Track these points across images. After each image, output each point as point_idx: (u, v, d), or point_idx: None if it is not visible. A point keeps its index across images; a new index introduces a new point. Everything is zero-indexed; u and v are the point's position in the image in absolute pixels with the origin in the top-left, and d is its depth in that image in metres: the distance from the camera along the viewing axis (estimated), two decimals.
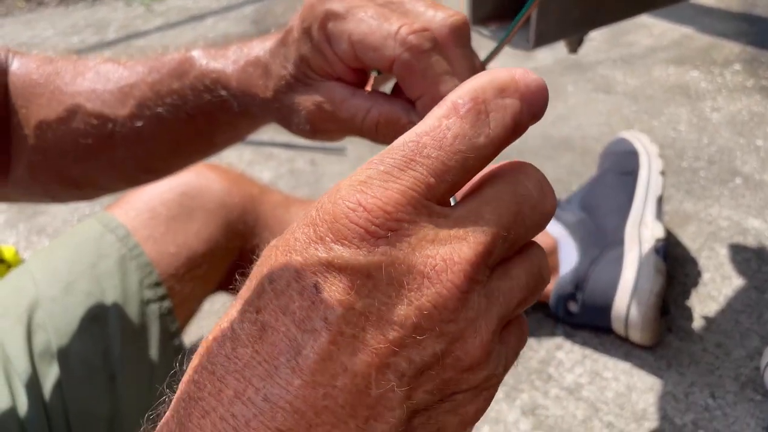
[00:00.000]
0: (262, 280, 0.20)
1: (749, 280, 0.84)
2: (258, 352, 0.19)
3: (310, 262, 0.19)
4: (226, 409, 0.19)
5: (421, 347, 0.20)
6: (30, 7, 2.06)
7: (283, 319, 0.19)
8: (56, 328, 0.57)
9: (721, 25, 1.48)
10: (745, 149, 1.08)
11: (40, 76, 0.42)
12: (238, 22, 1.79)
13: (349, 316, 0.19)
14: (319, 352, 0.19)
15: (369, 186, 0.20)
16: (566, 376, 0.74)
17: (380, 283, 0.19)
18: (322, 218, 0.20)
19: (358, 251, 0.19)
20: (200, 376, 0.20)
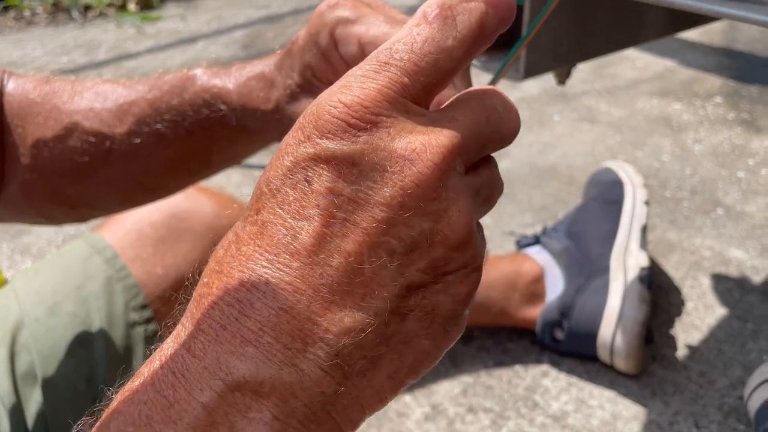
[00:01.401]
0: (260, 184, 0.22)
1: (732, 309, 0.85)
2: (259, 245, 0.21)
3: (299, 159, 0.21)
4: (232, 296, 0.20)
5: (409, 225, 0.21)
6: (19, 27, 2.06)
7: (279, 213, 0.21)
8: (40, 350, 0.56)
9: (703, 59, 1.52)
10: (726, 180, 1.10)
11: (37, 95, 0.43)
12: (228, 46, 1.80)
13: (339, 202, 0.21)
14: (313, 236, 0.20)
15: (348, 87, 0.22)
16: (552, 403, 0.75)
17: (365, 169, 0.21)
18: (307, 120, 0.21)
19: (341, 142, 0.21)
20: (209, 278, 0.21)
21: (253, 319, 0.20)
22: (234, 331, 0.20)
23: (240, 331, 0.20)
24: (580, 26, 0.56)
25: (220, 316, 0.20)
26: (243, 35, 1.88)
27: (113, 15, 2.07)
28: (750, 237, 0.97)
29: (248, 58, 1.72)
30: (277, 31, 1.89)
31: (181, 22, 2.00)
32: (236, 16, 2.03)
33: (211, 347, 0.20)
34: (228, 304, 0.20)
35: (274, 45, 1.80)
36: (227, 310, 0.20)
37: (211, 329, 0.20)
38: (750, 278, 0.90)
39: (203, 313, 0.21)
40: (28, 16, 2.12)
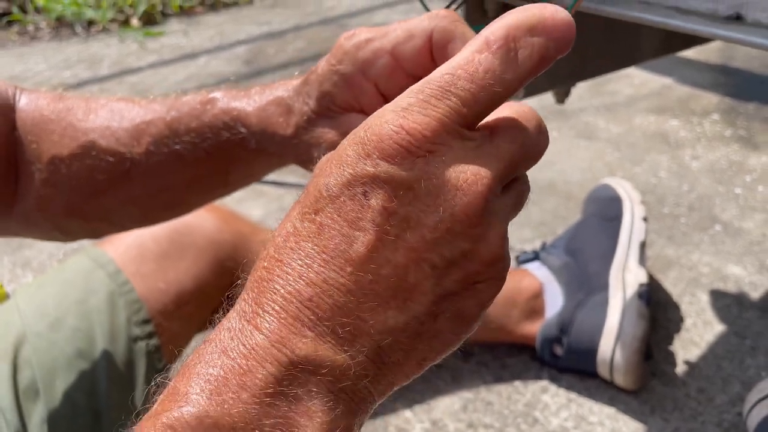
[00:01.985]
0: (320, 188, 0.24)
1: (730, 326, 0.85)
2: (317, 245, 0.24)
3: (359, 174, 0.24)
4: (292, 287, 0.23)
5: (452, 246, 0.24)
6: (23, 41, 2.08)
7: (337, 220, 0.24)
8: (42, 365, 0.57)
9: (700, 77, 1.54)
10: (724, 197, 1.11)
11: (51, 112, 0.43)
12: (230, 61, 1.82)
13: (393, 220, 0.23)
14: (367, 247, 0.23)
15: (410, 112, 0.24)
16: (552, 420, 0.75)
17: (419, 194, 0.24)
18: (369, 138, 0.24)
19: (400, 167, 0.23)
20: (270, 263, 0.24)
21: (311, 311, 0.23)
22: (295, 317, 0.23)
23: (300, 318, 0.23)
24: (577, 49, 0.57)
25: (283, 302, 0.23)
26: (245, 51, 1.89)
27: (116, 30, 2.09)
28: (748, 253, 0.98)
29: (250, 74, 1.73)
30: (278, 47, 1.91)
31: (183, 38, 2.02)
32: (238, 32, 2.05)
33: (277, 328, 0.23)
34: (290, 293, 0.23)
35: (275, 61, 1.81)
36: (289, 299, 0.23)
37: (275, 312, 0.23)
38: (748, 294, 0.90)
39: (266, 297, 0.24)
40: (31, 31, 2.14)
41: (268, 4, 2.29)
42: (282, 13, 2.19)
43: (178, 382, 0.23)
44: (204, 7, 2.28)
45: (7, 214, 0.44)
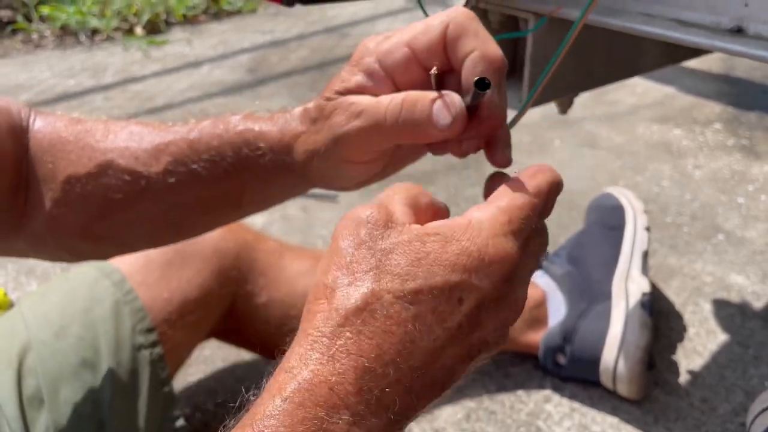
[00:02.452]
0: (421, 281, 0.28)
1: (733, 335, 0.85)
2: (407, 333, 0.27)
3: (465, 283, 0.28)
4: (382, 369, 0.27)
5: (496, 340, 0.30)
6: (27, 49, 2.09)
7: (429, 316, 0.28)
8: (47, 373, 0.57)
9: (703, 86, 1.54)
10: (726, 206, 1.11)
11: (69, 133, 0.43)
12: (234, 70, 1.83)
13: (471, 323, 0.29)
14: (447, 342, 0.28)
15: (509, 240, 0.30)
16: (555, 429, 0.75)
17: (496, 306, 0.29)
18: (479, 256, 0.29)
19: (497, 286, 0.29)
20: (357, 343, 0.27)
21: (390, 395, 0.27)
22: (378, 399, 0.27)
23: (381, 400, 0.27)
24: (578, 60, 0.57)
25: (372, 383, 0.27)
26: (248, 59, 1.90)
27: (120, 39, 2.11)
28: (751, 263, 0.98)
29: (253, 82, 1.74)
30: (281, 56, 1.92)
31: (187, 47, 2.03)
32: (241, 40, 2.06)
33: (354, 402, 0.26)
34: (380, 377, 0.27)
35: (278, 69, 1.82)
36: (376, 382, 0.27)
37: (357, 393, 0.26)
38: (751, 304, 0.90)
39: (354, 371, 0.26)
40: (36, 39, 2.15)
41: (271, 13, 2.30)
42: (285, 21, 2.21)
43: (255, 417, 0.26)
44: (207, 16, 2.29)
45: (16, 234, 0.44)
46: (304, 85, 1.71)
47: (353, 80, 0.37)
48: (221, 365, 0.85)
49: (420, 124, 0.34)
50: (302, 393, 0.26)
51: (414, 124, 0.35)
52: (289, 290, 0.73)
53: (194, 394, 0.81)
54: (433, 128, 0.34)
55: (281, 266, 0.74)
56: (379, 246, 0.28)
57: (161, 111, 1.61)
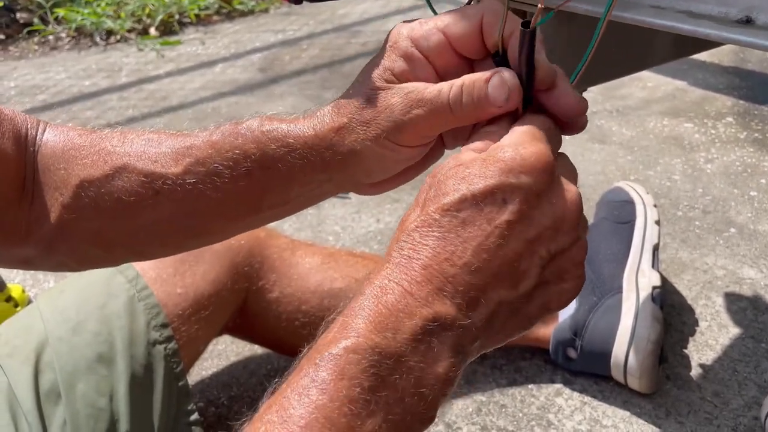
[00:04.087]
0: (463, 191, 0.32)
1: (745, 329, 0.85)
2: (459, 235, 0.32)
3: (504, 184, 0.32)
4: (440, 266, 0.31)
5: (557, 243, 0.33)
6: (43, 51, 2.12)
7: (478, 217, 0.32)
8: (63, 368, 0.58)
9: (714, 79, 1.53)
10: (738, 200, 1.11)
11: (83, 140, 0.43)
12: (246, 69, 1.84)
13: (521, 219, 0.32)
14: (499, 238, 0.31)
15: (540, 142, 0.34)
16: (566, 423, 0.75)
17: (543, 201, 0.32)
18: (512, 157, 0.32)
19: (536, 181, 0.32)
20: (415, 245, 0.32)
21: (452, 285, 0.31)
22: (439, 288, 0.31)
23: (443, 289, 0.31)
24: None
25: (430, 276, 0.31)
26: (260, 58, 1.92)
27: (135, 40, 2.13)
28: (763, 256, 0.97)
29: (265, 81, 1.75)
30: (293, 55, 1.93)
31: (200, 47, 2.05)
32: (253, 40, 2.07)
33: (426, 295, 0.31)
34: (437, 270, 0.31)
35: (290, 68, 1.83)
36: (435, 274, 0.31)
37: (425, 283, 0.31)
38: (764, 297, 0.90)
39: (417, 270, 0.31)
40: (51, 41, 2.18)
41: (283, 13, 2.32)
42: (296, 21, 2.22)
43: (347, 319, 0.31)
44: (220, 16, 2.31)
45: (21, 242, 0.43)
46: (315, 83, 1.72)
47: (397, 67, 0.38)
48: (235, 359, 0.86)
49: (480, 104, 0.37)
50: (375, 289, 0.31)
51: (475, 107, 0.37)
52: (300, 286, 0.74)
53: (208, 388, 0.82)
54: (491, 106, 0.37)
55: (293, 262, 0.75)
56: (436, 180, 0.33)
57: (175, 110, 1.62)
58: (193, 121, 1.53)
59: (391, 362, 0.30)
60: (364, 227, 1.11)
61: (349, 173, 0.41)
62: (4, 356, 0.58)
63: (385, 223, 1.12)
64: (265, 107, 1.58)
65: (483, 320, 0.32)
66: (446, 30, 0.38)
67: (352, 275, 0.75)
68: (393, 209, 1.15)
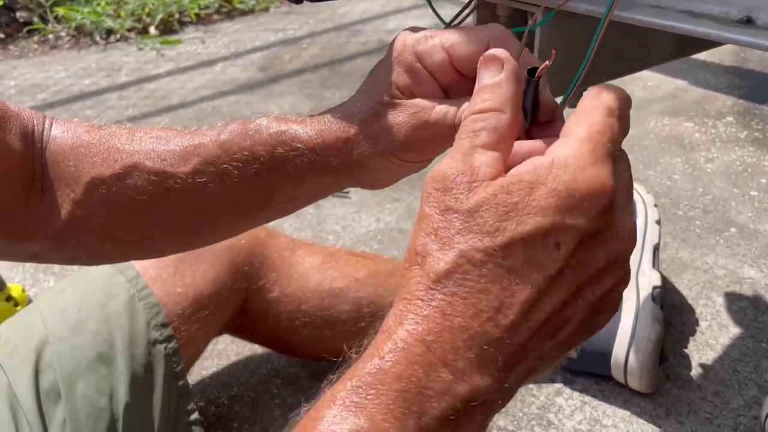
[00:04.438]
0: (511, 232, 0.26)
1: (746, 329, 0.85)
2: (505, 288, 0.26)
3: (559, 225, 0.26)
4: (482, 328, 0.26)
5: (605, 284, 0.28)
6: (43, 50, 2.12)
7: (527, 267, 0.26)
8: (63, 368, 0.58)
9: (714, 79, 1.53)
10: (739, 199, 1.11)
11: (92, 137, 0.43)
12: (246, 68, 1.84)
13: (573, 265, 0.27)
14: (549, 289, 0.27)
15: (603, 168, 0.28)
16: (566, 422, 0.75)
17: (597, 243, 0.27)
18: (571, 192, 0.27)
19: (594, 222, 0.27)
20: (449, 297, 0.27)
21: (494, 350, 0.26)
22: (479, 357, 0.26)
23: (483, 359, 0.26)
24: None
25: (470, 341, 0.26)
26: (260, 58, 1.91)
27: (134, 39, 2.13)
28: (763, 256, 0.97)
29: (265, 80, 1.75)
30: (293, 54, 1.93)
31: (200, 46, 2.05)
32: (254, 39, 2.07)
33: (463, 368, 0.26)
34: (479, 335, 0.26)
35: (290, 67, 1.83)
36: (477, 339, 0.26)
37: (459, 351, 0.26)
38: (764, 297, 0.90)
39: (452, 333, 0.26)
40: (51, 40, 2.18)
41: (283, 12, 2.31)
42: (296, 20, 2.21)
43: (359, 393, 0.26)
44: (220, 15, 2.31)
45: (30, 237, 0.44)
46: (316, 82, 1.72)
47: (401, 81, 0.38)
48: (235, 359, 0.86)
49: None
50: (398, 351, 0.26)
51: None
52: (301, 285, 0.74)
53: (208, 388, 0.82)
54: None
55: (293, 262, 0.75)
56: (464, 207, 0.27)
57: (175, 109, 1.62)
58: (193, 121, 1.53)
59: None
60: (365, 227, 1.11)
61: (356, 179, 0.42)
62: (5, 356, 0.58)
63: (385, 222, 1.12)
64: (265, 106, 1.58)
65: (521, 380, 0.28)
66: (451, 50, 0.37)
67: (353, 275, 0.75)
68: (393, 209, 1.15)
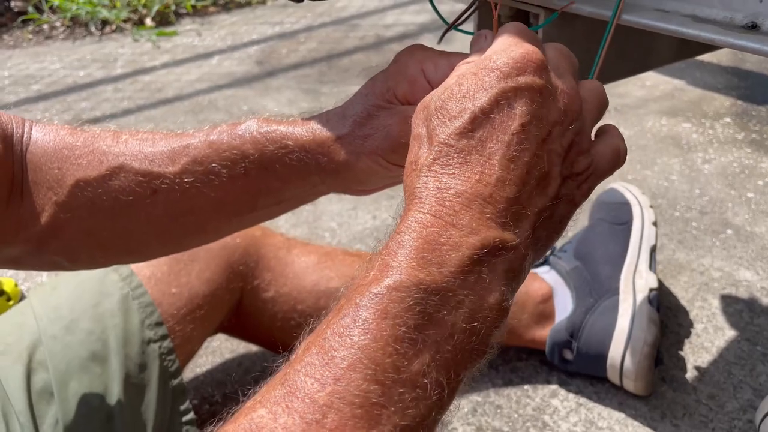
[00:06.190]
0: (470, 110, 0.31)
1: (741, 332, 0.85)
2: (482, 154, 0.31)
3: (505, 89, 0.31)
4: (474, 189, 0.30)
5: (565, 136, 0.32)
6: (38, 40, 2.10)
7: (493, 132, 0.31)
8: (56, 367, 0.58)
9: (712, 79, 1.53)
10: (736, 201, 1.10)
11: (75, 140, 0.43)
12: (243, 61, 1.83)
13: (533, 120, 0.31)
14: (518, 144, 0.31)
15: (522, 45, 0.33)
16: (561, 424, 0.75)
17: (546, 97, 0.32)
18: (504, 63, 0.32)
19: (536, 78, 0.32)
20: (438, 176, 0.31)
21: (492, 205, 0.30)
22: (480, 211, 0.30)
23: (484, 212, 0.30)
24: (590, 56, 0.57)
25: (468, 201, 0.30)
26: (257, 51, 1.90)
27: (130, 30, 2.11)
28: (760, 258, 0.97)
29: (262, 74, 1.74)
30: (290, 48, 1.91)
31: (196, 38, 2.03)
32: (250, 32, 2.06)
33: (468, 222, 0.29)
34: (473, 194, 0.30)
35: (287, 61, 1.82)
36: (472, 198, 0.30)
37: (463, 210, 0.30)
38: (760, 300, 0.90)
39: (451, 200, 0.30)
40: (46, 30, 2.16)
41: (281, 5, 2.30)
42: (294, 13, 2.20)
43: (386, 258, 0.29)
44: (217, 8, 2.29)
45: (10, 240, 0.43)
46: (313, 76, 1.71)
47: (400, 89, 0.40)
48: (229, 357, 0.86)
49: None
50: (412, 225, 0.30)
51: None
52: (296, 285, 0.73)
53: (202, 386, 0.82)
54: None
55: (289, 261, 0.74)
56: (433, 108, 0.32)
57: (171, 102, 1.61)
58: (189, 114, 1.52)
59: (437, 298, 0.28)
60: (361, 224, 1.11)
61: (341, 179, 0.42)
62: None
63: (381, 219, 1.11)
64: (261, 100, 1.57)
65: (528, 235, 0.31)
66: (451, 59, 0.39)
67: (349, 274, 0.75)
68: (389, 206, 1.14)
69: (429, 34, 1.84)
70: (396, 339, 0.27)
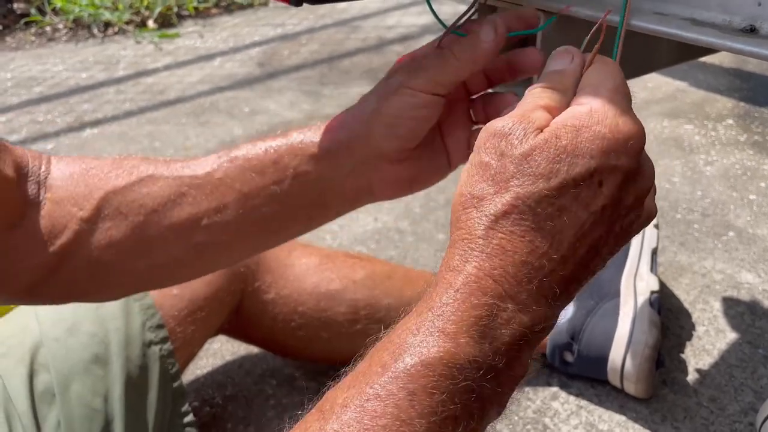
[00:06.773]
0: (563, 175, 0.29)
1: (743, 334, 0.85)
2: (555, 225, 0.29)
3: (603, 166, 0.30)
4: (539, 262, 0.29)
5: (629, 217, 0.32)
6: (41, 42, 2.11)
7: (575, 205, 0.29)
8: (58, 369, 0.58)
9: (715, 81, 1.52)
10: (738, 203, 1.10)
11: (102, 162, 0.44)
12: (244, 63, 1.83)
13: (613, 203, 0.30)
14: (592, 225, 0.30)
15: (634, 118, 0.32)
16: (562, 427, 0.75)
17: (633, 182, 0.31)
18: (613, 137, 0.30)
19: (633, 161, 0.30)
20: (509, 241, 0.29)
21: (548, 282, 0.29)
22: (538, 289, 0.29)
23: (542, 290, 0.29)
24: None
25: (530, 276, 0.29)
26: (259, 53, 1.90)
27: (132, 32, 2.11)
28: (762, 260, 0.97)
29: (263, 76, 1.74)
30: (292, 49, 1.92)
31: (198, 40, 2.04)
32: (252, 34, 2.06)
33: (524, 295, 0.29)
34: (537, 269, 0.29)
35: (289, 63, 1.82)
36: (535, 273, 0.29)
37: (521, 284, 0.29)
38: (761, 302, 0.90)
39: (517, 265, 0.29)
40: (49, 32, 2.16)
41: (282, 6, 2.30)
42: (296, 15, 2.20)
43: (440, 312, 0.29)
44: (219, 9, 2.29)
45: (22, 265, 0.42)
46: (314, 78, 1.71)
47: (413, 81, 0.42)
48: (230, 358, 0.86)
49: (473, 46, 0.40)
50: (470, 284, 0.29)
51: (470, 50, 0.40)
52: (297, 287, 0.73)
53: (203, 387, 0.82)
54: (483, 43, 0.40)
55: (289, 263, 0.74)
56: (518, 152, 0.30)
57: (173, 104, 1.61)
58: (190, 115, 1.52)
59: (481, 373, 0.28)
60: (362, 226, 1.11)
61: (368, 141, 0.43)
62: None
63: (383, 222, 1.11)
64: (263, 102, 1.57)
65: (561, 310, 0.31)
66: None
67: (350, 277, 0.75)
68: (391, 208, 1.14)
69: (431, 36, 1.84)
70: (435, 413, 0.27)
